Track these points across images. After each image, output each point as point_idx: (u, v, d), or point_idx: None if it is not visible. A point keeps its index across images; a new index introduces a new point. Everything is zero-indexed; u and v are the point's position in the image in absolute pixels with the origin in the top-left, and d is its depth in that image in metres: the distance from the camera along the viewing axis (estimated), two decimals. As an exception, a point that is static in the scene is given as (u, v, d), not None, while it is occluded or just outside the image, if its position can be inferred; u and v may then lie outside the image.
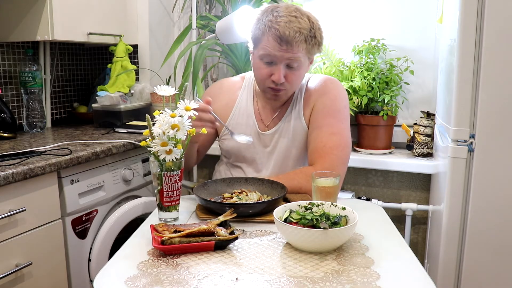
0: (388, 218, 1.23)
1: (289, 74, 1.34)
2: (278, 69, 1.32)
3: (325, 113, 1.41)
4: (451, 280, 1.44)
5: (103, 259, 1.61)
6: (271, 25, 1.29)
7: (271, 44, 1.30)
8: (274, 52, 1.31)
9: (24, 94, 1.96)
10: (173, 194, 1.13)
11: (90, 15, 1.99)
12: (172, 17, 2.50)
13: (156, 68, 2.32)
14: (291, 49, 1.29)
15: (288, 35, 1.27)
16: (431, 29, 2.06)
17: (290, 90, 1.39)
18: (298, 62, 1.33)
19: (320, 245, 0.96)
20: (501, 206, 1.35)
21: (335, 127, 1.39)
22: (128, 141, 1.73)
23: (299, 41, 1.28)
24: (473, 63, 1.33)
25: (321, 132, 1.39)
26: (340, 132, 1.40)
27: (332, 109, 1.42)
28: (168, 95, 1.14)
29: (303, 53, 1.32)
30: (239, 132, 1.46)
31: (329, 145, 1.37)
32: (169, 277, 0.87)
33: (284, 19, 1.28)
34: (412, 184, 2.11)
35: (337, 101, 1.44)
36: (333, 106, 1.42)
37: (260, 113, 1.50)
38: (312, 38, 1.31)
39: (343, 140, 1.40)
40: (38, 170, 1.36)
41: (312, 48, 1.33)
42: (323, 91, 1.44)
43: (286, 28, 1.27)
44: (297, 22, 1.29)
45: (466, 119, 1.36)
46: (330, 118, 1.41)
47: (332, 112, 1.41)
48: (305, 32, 1.29)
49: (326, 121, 1.40)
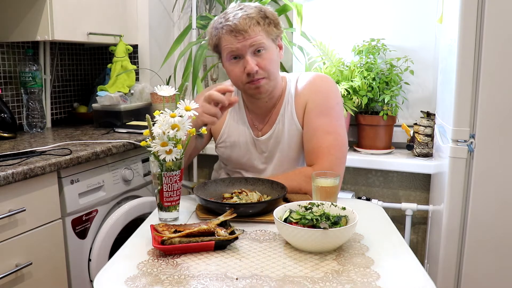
0: (388, 218, 1.23)
1: (259, 61, 1.33)
2: (247, 60, 1.32)
3: (318, 112, 1.39)
4: (451, 280, 1.44)
5: (103, 259, 1.61)
6: (223, 25, 1.32)
7: (228, 40, 1.32)
8: (235, 46, 1.31)
9: (24, 94, 1.96)
10: (173, 194, 1.13)
11: (90, 15, 1.99)
12: (172, 17, 2.50)
13: (156, 68, 2.32)
14: (248, 36, 1.30)
15: (239, 24, 1.29)
16: (431, 29, 2.06)
17: (269, 78, 1.36)
18: (262, 45, 1.32)
19: (320, 245, 0.96)
20: (501, 206, 1.35)
21: (329, 126, 1.38)
22: (128, 141, 1.73)
23: (252, 24, 1.30)
24: (473, 63, 1.33)
25: (316, 132, 1.37)
26: (335, 131, 1.38)
27: (325, 107, 1.39)
28: (168, 95, 1.14)
29: (263, 35, 1.32)
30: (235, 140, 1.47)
31: (326, 145, 1.35)
32: (169, 277, 0.87)
33: (231, 15, 1.32)
34: (412, 184, 2.11)
35: (329, 99, 1.41)
36: (326, 104, 1.40)
37: (252, 119, 1.48)
38: (264, 19, 1.32)
39: (339, 138, 1.38)
40: (38, 170, 1.36)
41: (269, 28, 1.33)
42: (314, 90, 1.42)
43: (235, 19, 1.30)
44: (244, 11, 1.32)
45: (466, 119, 1.36)
46: (323, 117, 1.38)
47: (325, 111, 1.39)
48: (254, 15, 1.31)
49: (320, 121, 1.38)
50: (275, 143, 1.45)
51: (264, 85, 1.36)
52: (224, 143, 1.49)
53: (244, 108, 1.49)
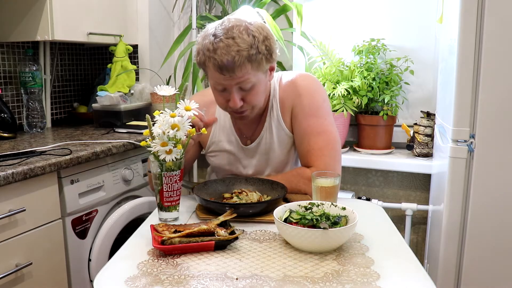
0: (388, 218, 1.23)
1: (245, 95, 1.26)
2: (232, 95, 1.24)
3: (305, 114, 1.35)
4: (451, 280, 1.44)
5: (103, 259, 1.61)
6: (210, 56, 1.20)
7: (214, 75, 1.23)
8: (220, 81, 1.23)
9: (24, 94, 1.96)
10: (173, 194, 1.13)
11: (90, 15, 1.99)
12: (172, 17, 2.50)
13: (156, 68, 2.32)
14: (235, 75, 1.20)
15: (227, 63, 1.18)
16: (431, 29, 2.06)
17: (254, 109, 1.31)
18: (249, 83, 1.23)
19: (320, 245, 0.96)
20: (501, 206, 1.35)
21: (319, 126, 1.34)
22: (128, 141, 1.73)
23: (241, 63, 1.18)
24: (473, 63, 1.33)
25: (307, 135, 1.34)
26: (326, 130, 1.35)
27: (311, 107, 1.35)
28: (168, 95, 1.14)
29: (252, 73, 1.22)
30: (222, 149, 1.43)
31: (318, 146, 1.33)
32: (169, 277, 0.87)
33: (221, 45, 1.18)
34: (412, 184, 2.11)
35: (315, 98, 1.36)
36: (312, 104, 1.35)
37: (240, 128, 1.44)
38: (256, 55, 1.20)
39: (331, 136, 1.35)
40: (38, 170, 1.36)
41: (260, 64, 1.22)
42: (297, 92, 1.37)
43: (223, 55, 1.18)
44: (235, 44, 1.18)
45: (466, 119, 1.36)
46: (311, 118, 1.35)
47: (312, 111, 1.35)
48: (245, 52, 1.18)
49: (309, 122, 1.34)
50: (264, 150, 1.41)
51: (248, 115, 1.32)
52: (213, 152, 1.46)
53: (231, 117, 1.44)
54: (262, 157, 1.43)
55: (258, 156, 1.43)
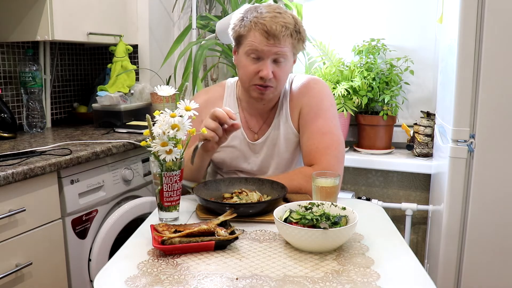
0: (388, 218, 1.23)
1: (276, 70, 1.33)
2: (266, 64, 1.31)
3: (313, 114, 1.40)
4: (451, 280, 1.44)
5: (103, 259, 1.61)
6: (257, 21, 1.29)
7: (258, 39, 1.30)
8: (261, 47, 1.30)
9: (24, 94, 1.96)
10: (173, 194, 1.13)
11: (90, 15, 1.99)
12: (172, 17, 2.50)
13: (156, 68, 2.32)
14: (279, 43, 1.29)
15: (275, 29, 1.27)
16: (431, 29, 2.06)
17: (276, 88, 1.37)
18: (284, 57, 1.32)
19: (320, 245, 0.96)
20: (501, 206, 1.35)
21: (325, 127, 1.39)
22: (128, 141, 1.73)
23: (286, 35, 1.29)
24: (473, 63, 1.33)
25: (312, 134, 1.38)
26: (331, 131, 1.39)
27: (319, 109, 1.41)
28: (168, 95, 1.14)
29: (289, 48, 1.32)
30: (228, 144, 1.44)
31: (322, 146, 1.36)
32: (169, 277, 0.87)
33: (269, 15, 1.29)
34: (412, 184, 2.11)
35: (323, 101, 1.42)
36: (320, 106, 1.41)
37: (247, 122, 1.48)
38: (297, 33, 1.32)
39: (335, 138, 1.39)
40: (38, 170, 1.36)
41: (298, 44, 1.34)
42: (307, 93, 1.43)
43: (272, 22, 1.28)
44: (282, 17, 1.29)
45: (466, 119, 1.36)
46: (318, 118, 1.40)
47: (319, 112, 1.40)
48: (291, 26, 1.30)
49: (315, 123, 1.39)
50: (271, 146, 1.45)
51: (269, 93, 1.37)
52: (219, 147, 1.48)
53: (238, 110, 1.49)
54: (267, 154, 1.45)
55: (263, 152, 1.45)
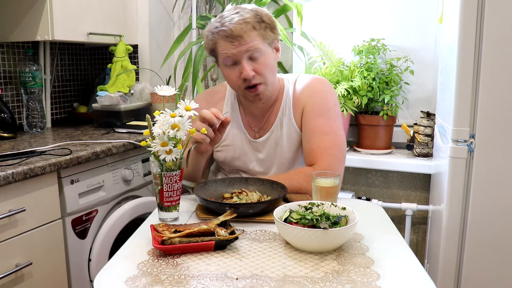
0: (388, 218, 1.23)
1: (256, 66, 1.32)
2: (242, 65, 1.31)
3: (316, 114, 1.40)
4: (451, 280, 1.44)
5: (103, 259, 1.61)
6: (218, 30, 1.31)
7: (225, 46, 1.31)
8: (230, 51, 1.30)
9: (24, 94, 1.96)
10: (173, 194, 1.13)
11: (90, 15, 1.99)
12: (172, 17, 2.50)
13: (156, 68, 2.32)
14: (244, 41, 1.29)
15: (235, 30, 1.28)
16: (431, 29, 2.06)
17: (266, 83, 1.36)
18: (258, 51, 1.31)
19: (320, 245, 0.96)
20: (501, 206, 1.35)
21: (327, 127, 1.39)
22: (128, 141, 1.73)
23: (248, 30, 1.29)
24: (473, 63, 1.33)
25: (314, 133, 1.39)
26: (333, 131, 1.39)
27: (322, 108, 1.41)
28: (168, 95, 1.14)
29: (260, 40, 1.31)
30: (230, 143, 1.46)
31: (324, 145, 1.36)
32: (169, 277, 0.87)
33: (227, 20, 1.30)
34: (412, 184, 2.11)
35: (327, 101, 1.43)
36: (323, 105, 1.41)
37: (249, 121, 1.48)
38: (260, 23, 1.31)
39: (337, 138, 1.39)
40: (38, 170, 1.36)
41: (265, 32, 1.32)
42: (311, 92, 1.43)
43: (231, 25, 1.29)
44: (240, 15, 1.30)
45: (466, 119, 1.36)
46: (321, 118, 1.40)
47: (322, 112, 1.40)
48: (250, 20, 1.30)
49: (318, 122, 1.39)
50: (273, 145, 1.45)
51: (263, 91, 1.37)
52: (219, 147, 1.49)
53: (240, 110, 1.49)
54: (269, 152, 1.45)
55: (265, 151, 1.46)
